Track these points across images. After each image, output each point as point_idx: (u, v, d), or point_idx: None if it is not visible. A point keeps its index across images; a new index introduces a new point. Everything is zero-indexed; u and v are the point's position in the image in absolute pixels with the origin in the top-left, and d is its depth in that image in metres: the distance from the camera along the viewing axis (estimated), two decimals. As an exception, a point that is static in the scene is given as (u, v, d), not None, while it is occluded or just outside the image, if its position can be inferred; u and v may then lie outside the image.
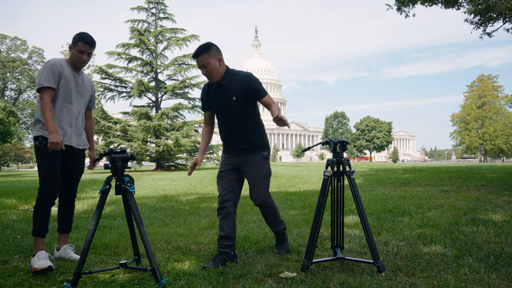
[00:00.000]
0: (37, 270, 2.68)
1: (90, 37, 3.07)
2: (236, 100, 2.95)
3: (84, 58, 3.05)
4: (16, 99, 57.70)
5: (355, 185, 2.76)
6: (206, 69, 2.92)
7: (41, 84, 2.91)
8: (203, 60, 2.90)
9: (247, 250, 3.23)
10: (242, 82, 2.96)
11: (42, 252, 2.90)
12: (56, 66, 2.96)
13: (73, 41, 3.04)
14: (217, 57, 2.93)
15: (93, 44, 3.07)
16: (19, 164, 70.55)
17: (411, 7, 11.68)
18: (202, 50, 2.90)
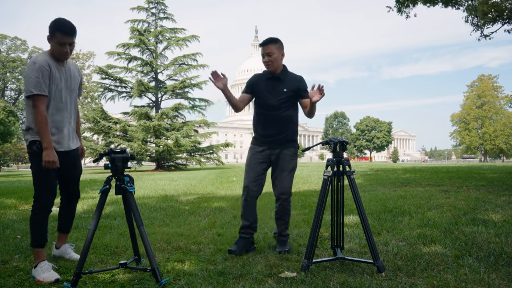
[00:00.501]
0: (43, 283, 2.55)
1: (69, 24, 2.72)
2: (286, 91, 3.26)
3: (67, 50, 2.75)
4: (16, 99, 57.67)
5: (355, 185, 2.76)
6: (270, 58, 3.23)
7: (31, 91, 2.65)
8: (269, 49, 3.23)
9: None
10: (295, 80, 3.32)
11: (45, 263, 2.73)
12: (44, 68, 2.69)
13: (50, 32, 2.71)
14: (281, 52, 3.29)
15: (74, 32, 2.74)
16: (19, 164, 70.49)
17: (411, 7, 11.68)
18: (272, 40, 3.27)
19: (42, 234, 2.83)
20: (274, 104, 3.28)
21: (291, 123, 3.32)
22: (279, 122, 3.28)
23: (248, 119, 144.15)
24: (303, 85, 3.32)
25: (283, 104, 3.27)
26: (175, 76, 30.94)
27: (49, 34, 2.73)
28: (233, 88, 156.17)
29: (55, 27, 2.69)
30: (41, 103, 2.68)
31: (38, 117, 2.67)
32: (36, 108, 2.67)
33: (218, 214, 5.27)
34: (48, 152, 2.67)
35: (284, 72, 3.33)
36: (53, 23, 2.71)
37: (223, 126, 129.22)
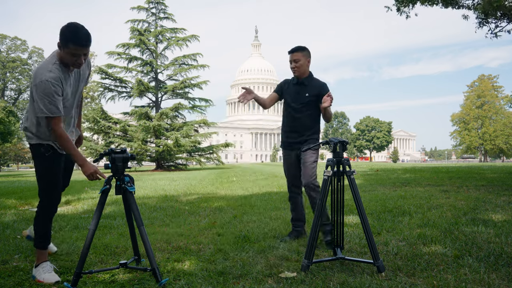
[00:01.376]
0: (43, 283, 2.54)
1: (83, 34, 2.46)
2: (308, 96, 3.56)
3: (81, 61, 2.55)
4: (16, 99, 57.66)
5: (355, 185, 2.76)
6: (297, 64, 3.54)
7: (46, 113, 2.49)
8: (297, 56, 3.53)
9: (247, 250, 3.23)
10: (318, 86, 3.60)
11: (47, 263, 2.71)
12: (58, 87, 2.52)
13: (61, 41, 2.46)
14: (308, 59, 3.58)
15: (89, 42, 2.50)
16: (19, 164, 70.50)
17: (410, 7, 11.64)
18: (299, 48, 3.56)
19: (46, 235, 2.82)
20: (296, 107, 3.60)
21: (311, 126, 3.63)
22: (300, 125, 3.61)
23: (248, 119, 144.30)
24: (324, 91, 3.54)
25: (304, 107, 3.57)
26: (175, 76, 30.95)
27: (60, 42, 2.47)
28: (233, 88, 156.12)
29: (68, 37, 2.44)
30: (57, 123, 2.54)
31: (60, 140, 2.57)
32: (55, 131, 2.54)
33: (218, 214, 5.26)
34: (86, 167, 2.58)
35: (309, 78, 3.62)
36: (66, 31, 2.45)
37: (223, 126, 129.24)
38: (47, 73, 2.50)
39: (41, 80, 2.48)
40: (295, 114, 3.62)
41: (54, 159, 2.78)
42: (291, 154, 3.70)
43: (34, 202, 7.19)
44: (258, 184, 10.83)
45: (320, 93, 3.54)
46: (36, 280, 2.60)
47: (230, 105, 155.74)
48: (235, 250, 3.25)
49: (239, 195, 7.68)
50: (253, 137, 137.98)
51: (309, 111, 3.59)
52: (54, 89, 2.50)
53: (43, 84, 2.48)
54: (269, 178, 13.78)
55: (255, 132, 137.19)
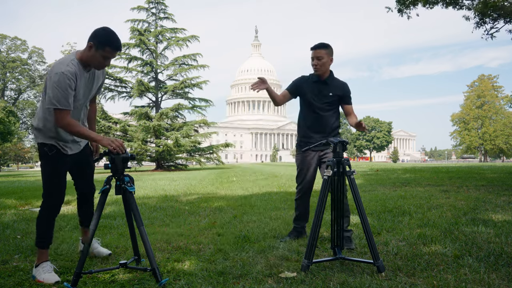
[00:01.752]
0: (43, 283, 2.54)
1: (119, 39, 2.62)
2: (331, 96, 3.49)
3: (108, 63, 2.67)
4: (16, 99, 57.67)
5: (355, 185, 2.76)
6: (320, 62, 3.41)
7: (55, 105, 2.52)
8: (320, 53, 3.40)
9: (247, 250, 3.23)
10: (341, 85, 3.55)
11: (47, 263, 2.70)
12: (72, 81, 2.56)
13: (98, 42, 2.55)
14: (330, 57, 3.45)
15: (121, 48, 2.69)
16: (19, 164, 70.52)
17: (412, 8, 11.64)
18: (323, 45, 3.43)
19: (48, 235, 2.81)
20: (320, 106, 3.50)
21: (336, 126, 3.56)
22: (325, 125, 3.51)
23: (248, 119, 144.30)
24: (347, 91, 3.54)
25: (328, 106, 3.50)
26: (175, 76, 30.95)
27: (93, 42, 2.55)
28: (233, 88, 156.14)
29: (106, 40, 2.55)
30: (65, 116, 2.55)
31: (69, 128, 2.56)
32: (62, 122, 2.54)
33: (218, 214, 5.26)
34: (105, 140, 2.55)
35: (331, 77, 3.53)
36: (104, 34, 2.56)
37: (223, 126, 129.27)
38: (64, 67, 2.55)
39: (57, 72, 2.53)
40: (320, 113, 3.50)
41: (58, 159, 2.77)
42: (312, 155, 3.55)
43: (34, 202, 7.19)
44: (258, 184, 10.83)
45: (343, 94, 3.52)
46: (36, 280, 2.60)
47: (230, 105, 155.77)
48: (235, 250, 3.25)
49: (239, 195, 7.68)
50: (253, 137, 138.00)
51: (333, 110, 3.53)
52: (69, 82, 2.53)
53: (58, 76, 2.52)
54: (269, 178, 13.78)
55: (255, 132, 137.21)
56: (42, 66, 58.61)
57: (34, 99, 59.04)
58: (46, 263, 2.72)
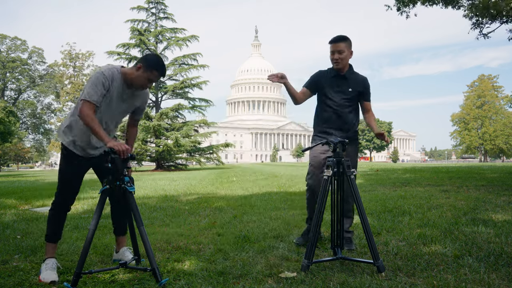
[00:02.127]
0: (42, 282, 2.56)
1: (165, 67, 2.83)
2: (351, 91, 3.32)
3: (149, 86, 2.84)
4: (16, 99, 57.66)
5: (355, 185, 2.76)
6: (341, 55, 3.25)
7: (85, 97, 2.65)
8: (341, 47, 3.25)
9: (247, 250, 3.23)
10: (361, 80, 3.38)
11: (52, 260, 2.76)
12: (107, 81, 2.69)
13: (146, 65, 2.72)
14: (350, 50, 3.30)
15: (165, 75, 2.85)
16: (19, 164, 70.53)
17: (411, 7, 11.64)
18: (343, 38, 3.27)
19: (56, 231, 2.88)
20: (340, 102, 3.33)
21: (353, 122, 3.39)
22: (342, 121, 3.33)
23: (248, 119, 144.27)
24: (367, 86, 3.39)
25: (346, 102, 3.33)
26: (175, 76, 30.96)
27: (142, 64, 2.72)
28: (233, 88, 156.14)
29: (155, 64, 2.73)
30: (88, 108, 2.63)
31: (86, 119, 2.61)
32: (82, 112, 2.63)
33: (218, 214, 5.26)
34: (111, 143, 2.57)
35: (350, 71, 3.37)
36: (154, 60, 2.76)
37: (223, 126, 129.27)
38: (104, 69, 2.75)
39: (97, 72, 2.75)
40: (340, 109, 3.32)
41: (72, 160, 2.86)
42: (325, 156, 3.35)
43: (34, 202, 7.19)
44: (258, 184, 10.83)
45: (364, 87, 3.37)
46: (38, 278, 2.62)
47: (230, 105, 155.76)
48: (235, 250, 3.25)
49: (239, 195, 7.68)
50: (253, 137, 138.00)
51: (353, 106, 3.37)
52: (103, 80, 2.68)
53: (96, 73, 2.73)
54: (269, 178, 13.78)
55: (255, 132, 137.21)
56: (42, 66, 58.66)
57: (34, 99, 59.05)
58: (50, 259, 2.76)
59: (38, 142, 61.72)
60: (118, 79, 2.76)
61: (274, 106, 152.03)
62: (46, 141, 60.89)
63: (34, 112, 58.18)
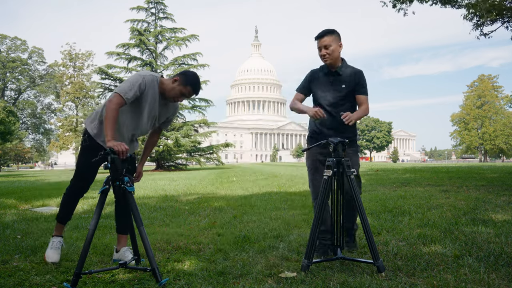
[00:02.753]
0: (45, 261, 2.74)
1: (200, 86, 2.92)
2: (344, 88, 3.10)
3: (182, 100, 2.92)
4: (16, 99, 57.66)
5: (355, 185, 2.76)
6: (327, 50, 3.05)
7: (119, 90, 2.73)
8: (327, 41, 3.05)
9: (247, 250, 3.23)
10: (354, 73, 3.12)
11: (57, 238, 3.01)
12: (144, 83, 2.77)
13: (185, 80, 2.82)
14: (339, 43, 3.09)
15: (197, 94, 2.93)
16: (19, 164, 70.52)
17: (407, 4, 11.63)
18: (328, 32, 3.08)
19: (66, 213, 3.08)
20: (331, 101, 3.13)
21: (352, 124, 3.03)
22: (336, 121, 3.07)
23: (248, 119, 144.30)
24: (362, 80, 3.13)
25: (341, 101, 3.12)
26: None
27: (180, 78, 2.82)
28: (233, 88, 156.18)
29: (192, 81, 2.83)
30: (118, 102, 2.69)
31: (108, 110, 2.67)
32: (110, 102, 2.69)
33: (218, 214, 5.27)
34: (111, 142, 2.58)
35: (343, 66, 3.14)
36: (193, 78, 2.85)
37: (223, 126, 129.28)
38: (145, 73, 2.85)
39: (138, 73, 2.85)
40: (334, 109, 3.10)
41: (88, 152, 2.92)
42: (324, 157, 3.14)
43: (35, 202, 7.19)
44: (258, 184, 10.83)
45: (358, 81, 3.10)
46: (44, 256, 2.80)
47: (230, 105, 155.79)
48: (235, 250, 3.25)
49: (239, 195, 7.68)
50: (253, 137, 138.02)
51: (348, 104, 3.11)
52: (140, 82, 2.76)
53: (136, 75, 2.82)
54: (269, 178, 13.78)
55: (255, 132, 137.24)
56: (42, 66, 58.66)
57: (34, 99, 59.05)
58: (56, 237, 3.02)
59: (38, 142, 61.72)
60: (155, 87, 2.84)
61: (274, 106, 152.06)
62: (46, 141, 60.89)
63: (34, 112, 58.18)
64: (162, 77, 2.91)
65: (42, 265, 2.94)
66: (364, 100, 3.12)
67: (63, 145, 46.91)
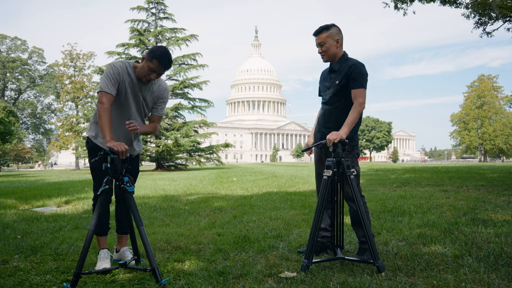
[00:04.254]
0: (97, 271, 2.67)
1: (168, 59, 2.78)
2: (338, 83, 2.99)
3: (153, 77, 2.80)
4: (16, 99, 57.67)
5: (355, 185, 2.76)
6: (322, 48, 3.00)
7: (100, 88, 2.75)
8: (321, 38, 2.99)
9: (247, 250, 3.23)
10: (349, 68, 2.96)
11: (102, 251, 2.93)
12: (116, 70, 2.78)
13: (149, 55, 2.77)
14: (336, 38, 3.00)
15: (169, 67, 2.82)
16: (19, 164, 70.53)
17: (408, 4, 11.63)
18: (323, 29, 3.00)
19: (100, 223, 2.87)
20: (327, 99, 3.06)
21: (341, 119, 2.91)
22: (329, 118, 3.04)
23: (248, 119, 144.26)
24: (354, 74, 2.92)
25: (332, 98, 3.02)
26: (175, 76, 30.94)
27: (146, 55, 2.79)
28: (233, 88, 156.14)
29: (156, 54, 2.75)
30: (105, 97, 2.71)
31: (100, 109, 2.68)
32: (99, 103, 2.71)
33: (218, 214, 5.27)
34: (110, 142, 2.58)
35: (340, 61, 3.02)
36: (157, 49, 2.77)
37: (223, 126, 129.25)
38: (116, 61, 2.86)
39: (109, 63, 2.84)
40: (329, 107, 3.04)
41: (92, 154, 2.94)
42: (320, 154, 3.17)
43: (34, 202, 7.19)
44: (258, 184, 10.83)
45: (349, 74, 2.92)
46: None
47: (230, 105, 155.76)
48: (235, 250, 3.26)
49: (239, 195, 7.68)
50: (253, 137, 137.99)
51: (341, 101, 2.98)
52: (112, 71, 2.77)
53: (108, 66, 2.83)
54: (269, 178, 13.78)
55: (255, 132, 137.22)
56: (42, 66, 58.69)
57: (34, 99, 59.06)
58: (102, 250, 2.93)
59: (38, 142, 61.73)
60: (131, 73, 2.84)
61: (274, 106, 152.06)
62: (46, 141, 60.90)
63: (34, 112, 58.20)
64: (136, 62, 2.89)
65: (42, 265, 2.94)
66: (357, 94, 2.90)
67: (63, 145, 46.93)
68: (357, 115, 2.88)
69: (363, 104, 2.91)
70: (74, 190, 9.70)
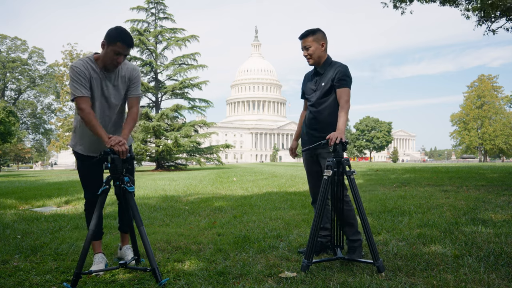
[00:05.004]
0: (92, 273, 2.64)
1: (130, 36, 2.70)
2: (324, 86, 3.06)
3: (120, 60, 2.69)
4: (16, 99, 57.67)
5: (355, 185, 2.76)
6: (308, 51, 3.08)
7: (73, 95, 2.65)
8: (307, 42, 3.07)
9: (247, 250, 3.23)
10: (334, 70, 3.05)
11: (96, 255, 2.90)
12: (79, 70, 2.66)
13: (108, 39, 2.64)
14: (321, 42, 3.08)
15: (132, 46, 2.73)
16: (19, 164, 70.52)
17: (408, 3, 11.63)
18: (308, 33, 3.08)
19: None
20: (313, 101, 3.11)
21: (328, 121, 3.03)
22: (316, 120, 3.08)
23: (248, 119, 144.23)
24: (339, 74, 2.99)
25: (320, 100, 3.06)
26: (174, 76, 30.96)
27: (106, 40, 2.65)
28: (233, 88, 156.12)
29: (117, 35, 2.64)
30: (82, 102, 2.63)
31: (83, 116, 2.62)
32: (79, 110, 2.64)
33: (218, 214, 5.27)
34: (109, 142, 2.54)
35: (325, 64, 3.10)
36: (115, 31, 2.66)
37: (223, 126, 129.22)
38: (76, 63, 2.70)
39: (70, 66, 2.70)
40: (316, 109, 3.08)
41: (82, 161, 2.93)
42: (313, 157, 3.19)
43: (34, 202, 7.19)
44: (258, 184, 10.83)
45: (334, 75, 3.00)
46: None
47: (230, 105, 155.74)
48: (235, 250, 3.26)
49: (239, 195, 7.68)
50: (253, 137, 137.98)
51: (327, 103, 3.03)
52: (78, 71, 2.65)
53: (70, 69, 2.68)
54: (269, 178, 13.78)
55: (255, 132, 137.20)
56: (42, 66, 58.68)
57: (34, 99, 59.06)
58: (97, 255, 2.90)
59: (38, 142, 61.73)
60: (94, 67, 2.71)
61: (274, 106, 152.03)
62: (46, 141, 60.90)
63: (34, 112, 58.20)
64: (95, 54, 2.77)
65: (42, 265, 2.94)
66: (342, 93, 2.98)
67: (63, 145, 46.92)
68: (347, 115, 2.98)
69: (348, 102, 3.01)
70: (74, 190, 9.70)
